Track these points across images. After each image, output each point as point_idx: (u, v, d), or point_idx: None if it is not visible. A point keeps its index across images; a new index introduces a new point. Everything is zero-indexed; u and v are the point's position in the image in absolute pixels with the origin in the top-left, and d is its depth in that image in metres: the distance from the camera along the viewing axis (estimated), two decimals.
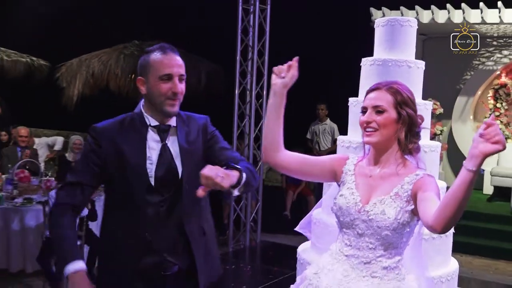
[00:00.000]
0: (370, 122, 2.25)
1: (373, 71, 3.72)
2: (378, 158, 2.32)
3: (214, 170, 2.00)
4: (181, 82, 2.45)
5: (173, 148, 2.47)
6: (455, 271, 3.64)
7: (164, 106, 2.43)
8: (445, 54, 10.79)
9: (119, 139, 2.46)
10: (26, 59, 13.16)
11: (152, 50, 2.45)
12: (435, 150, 3.70)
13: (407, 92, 2.30)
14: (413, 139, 2.28)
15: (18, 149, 8.22)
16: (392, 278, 2.24)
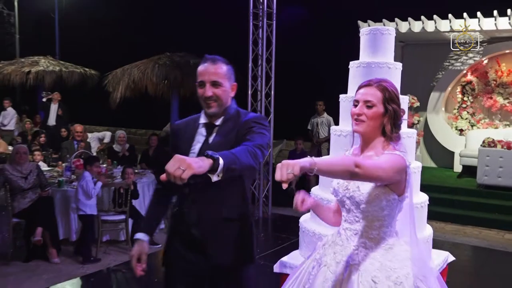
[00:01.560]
0: (360, 114, 2.20)
1: (359, 72, 3.67)
2: (365, 146, 2.27)
3: (178, 162, 1.79)
4: (215, 87, 2.37)
5: (212, 143, 2.42)
6: (430, 235, 3.60)
7: (203, 107, 2.43)
8: (420, 58, 10.77)
9: (181, 134, 2.51)
10: (80, 70, 13.27)
11: (201, 61, 2.46)
12: (412, 136, 3.66)
13: (393, 89, 2.23)
14: (396, 130, 2.22)
15: (75, 143, 8.28)
16: (379, 248, 2.17)
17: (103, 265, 5.66)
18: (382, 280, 2.08)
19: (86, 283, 5.22)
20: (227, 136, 2.39)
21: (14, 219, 5.74)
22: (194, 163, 1.83)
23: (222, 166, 1.94)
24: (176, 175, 1.78)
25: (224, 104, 2.42)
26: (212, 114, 2.41)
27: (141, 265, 2.45)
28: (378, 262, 2.13)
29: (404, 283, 2.07)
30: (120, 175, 6.65)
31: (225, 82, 2.40)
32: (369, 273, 2.11)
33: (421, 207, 3.52)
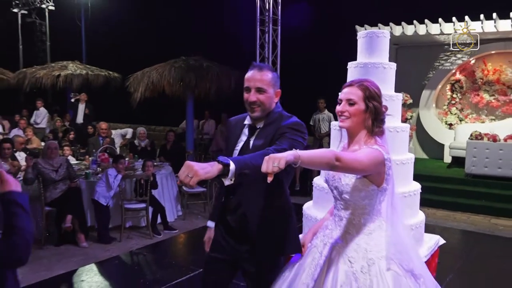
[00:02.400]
0: (343, 112, 2.21)
1: (356, 72, 3.62)
2: (351, 140, 2.27)
3: (187, 169, 1.81)
4: (259, 93, 2.34)
5: (252, 143, 2.40)
6: (422, 220, 3.57)
7: (248, 110, 2.41)
8: (413, 58, 10.66)
9: (233, 129, 2.51)
10: (105, 73, 13.28)
11: (249, 67, 2.44)
12: (405, 130, 3.61)
13: (374, 88, 2.22)
14: (379, 125, 2.21)
15: (100, 139, 8.31)
16: (360, 233, 2.18)
17: (126, 249, 5.70)
18: (357, 260, 2.11)
19: (111, 264, 5.25)
20: (265, 139, 2.35)
21: (46, 208, 5.78)
22: (201, 169, 1.83)
23: (233, 171, 1.92)
24: (185, 182, 1.81)
25: (267, 109, 2.38)
26: (255, 118, 2.39)
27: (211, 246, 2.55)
28: (356, 245, 2.15)
29: (376, 263, 2.09)
30: (141, 167, 6.67)
31: (269, 88, 2.36)
32: (347, 253, 2.14)
33: (414, 195, 3.49)
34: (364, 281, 2.05)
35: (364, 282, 2.05)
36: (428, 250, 3.53)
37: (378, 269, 2.07)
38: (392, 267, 2.09)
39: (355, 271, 2.07)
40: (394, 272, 2.07)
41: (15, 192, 1.93)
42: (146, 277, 4.87)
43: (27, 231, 1.88)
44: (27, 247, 1.87)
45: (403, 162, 3.48)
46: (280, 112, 2.44)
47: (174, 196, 7.17)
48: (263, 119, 2.40)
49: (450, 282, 4.70)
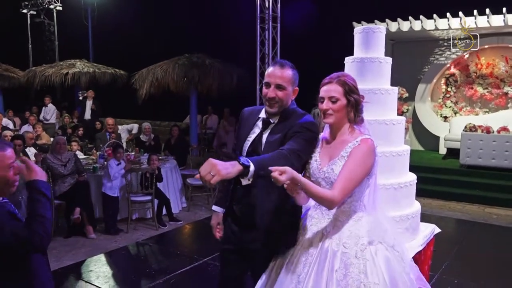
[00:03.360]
0: (327, 110, 2.20)
1: (353, 66, 3.57)
2: (335, 132, 2.27)
3: (210, 167, 1.80)
4: (278, 89, 2.29)
5: (265, 137, 2.37)
6: (418, 210, 3.53)
7: (265, 105, 2.38)
8: (408, 54, 10.59)
9: (245, 119, 2.47)
10: (111, 70, 13.27)
11: (272, 63, 2.40)
12: (401, 123, 3.55)
13: (351, 81, 2.22)
14: (358, 114, 2.22)
15: (107, 134, 8.29)
16: (350, 219, 2.19)
17: (132, 240, 5.69)
18: (351, 246, 2.12)
19: (118, 255, 5.25)
20: (278, 136, 2.32)
21: (55, 201, 5.76)
22: (224, 169, 1.82)
23: (252, 173, 1.92)
24: (206, 179, 1.80)
25: (284, 106, 2.35)
26: (272, 113, 2.36)
27: (220, 231, 2.57)
28: (348, 231, 2.16)
29: (368, 248, 2.12)
30: (146, 161, 6.64)
31: (288, 86, 2.33)
32: (341, 240, 2.14)
33: (410, 185, 3.44)
34: (358, 265, 2.08)
35: (358, 266, 2.08)
36: (424, 239, 3.49)
37: (370, 254, 2.10)
38: (377, 245, 2.14)
39: (350, 257, 2.09)
40: (384, 255, 2.11)
41: (41, 181, 2.00)
42: (152, 267, 4.86)
43: (48, 219, 1.94)
44: (47, 234, 1.92)
45: (399, 154, 3.43)
46: (295, 109, 2.41)
47: (178, 189, 7.16)
48: (278, 115, 2.37)
49: (446, 268, 4.69)
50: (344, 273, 2.07)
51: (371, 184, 2.20)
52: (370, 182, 2.20)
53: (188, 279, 4.54)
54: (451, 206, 7.48)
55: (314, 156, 2.30)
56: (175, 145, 8.38)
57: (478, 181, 7.92)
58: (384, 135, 3.33)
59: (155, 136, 8.70)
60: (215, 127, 12.28)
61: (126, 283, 4.52)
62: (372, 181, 2.21)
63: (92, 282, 4.43)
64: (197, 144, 10.19)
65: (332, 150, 2.23)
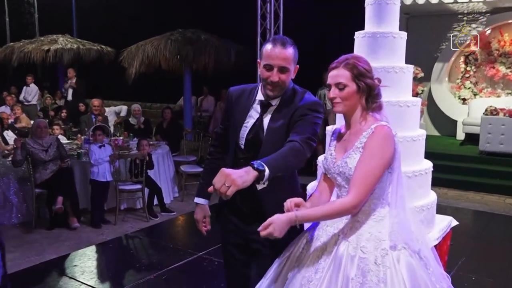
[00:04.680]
0: (335, 98, 2.14)
1: (364, 42, 3.52)
2: (348, 122, 2.21)
3: (224, 178, 1.83)
4: (282, 72, 2.25)
5: (266, 122, 2.33)
6: (434, 201, 3.52)
7: (265, 88, 2.32)
8: (424, 29, 10.47)
9: (236, 102, 2.43)
10: (97, 47, 13.18)
11: (268, 40, 2.32)
12: (416, 105, 3.52)
13: (362, 64, 2.13)
14: (374, 100, 2.13)
15: (92, 117, 8.26)
16: (369, 219, 2.11)
17: (121, 232, 5.69)
18: (370, 250, 2.03)
19: (105, 249, 5.24)
20: (282, 121, 2.29)
21: (36, 190, 5.75)
22: (239, 178, 1.84)
23: (268, 177, 1.92)
24: (222, 192, 1.82)
25: (286, 87, 2.31)
26: (272, 97, 2.32)
27: (206, 225, 2.56)
28: (368, 233, 2.07)
29: (390, 253, 2.02)
30: (136, 146, 6.62)
31: (291, 66, 2.28)
32: (358, 243, 2.06)
33: (425, 174, 3.44)
34: (377, 273, 1.98)
35: (377, 274, 1.98)
36: (439, 232, 3.48)
37: (392, 260, 2.01)
38: (401, 251, 2.03)
39: (368, 263, 2.01)
40: (407, 262, 2.02)
41: None
42: (142, 262, 4.86)
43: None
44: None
45: (414, 139, 3.41)
46: (293, 87, 2.37)
47: (171, 177, 7.15)
48: (278, 97, 2.33)
49: (462, 265, 4.68)
50: (361, 281, 1.98)
51: (394, 179, 2.12)
52: (393, 177, 2.12)
53: (181, 274, 4.54)
54: (469, 197, 7.47)
55: (329, 150, 2.26)
56: (168, 129, 8.36)
57: (499, 169, 7.89)
58: (398, 118, 3.30)
59: (145, 119, 8.66)
60: (211, 109, 12.24)
61: (114, 279, 4.52)
62: (395, 175, 2.13)
63: (77, 278, 4.43)
64: (191, 128, 10.16)
65: (347, 142, 2.18)
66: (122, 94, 13.56)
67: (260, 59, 2.32)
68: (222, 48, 10.42)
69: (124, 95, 13.44)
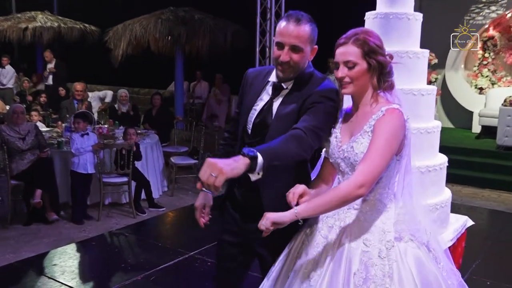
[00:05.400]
0: (343, 77, 2.10)
1: (376, 24, 3.49)
2: (357, 103, 2.19)
3: (209, 168, 1.77)
4: (294, 52, 2.20)
5: (275, 106, 2.30)
6: (448, 199, 3.52)
7: (276, 69, 2.29)
8: (439, 11, 10.41)
9: (251, 83, 2.43)
10: (80, 25, 13.11)
11: (283, 16, 2.28)
12: (431, 93, 3.50)
13: (373, 39, 2.09)
14: (385, 79, 2.11)
15: (75, 102, 8.20)
16: (374, 210, 2.11)
17: (105, 229, 5.67)
18: (374, 243, 2.04)
19: (87, 247, 5.23)
20: (292, 107, 2.25)
21: (12, 181, 5.72)
22: (227, 166, 1.78)
23: (261, 165, 1.85)
24: (209, 183, 1.76)
25: (300, 69, 2.27)
26: (283, 79, 2.28)
27: (205, 216, 2.50)
28: (372, 225, 2.09)
29: (396, 245, 2.03)
30: (122, 135, 6.58)
31: (306, 46, 2.22)
32: (361, 236, 2.07)
33: (440, 169, 3.43)
34: (382, 267, 1.99)
35: (382, 268, 1.99)
36: (454, 233, 3.49)
37: (398, 253, 2.02)
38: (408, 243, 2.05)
39: (372, 256, 2.02)
40: (415, 255, 2.03)
41: None
42: (128, 261, 4.85)
43: None
44: None
45: (428, 131, 3.40)
46: (312, 72, 2.32)
47: (160, 169, 7.13)
48: (291, 79, 2.29)
49: (477, 269, 4.70)
50: (365, 276, 1.99)
51: (402, 166, 2.12)
52: (401, 164, 2.12)
53: (171, 276, 4.54)
54: (485, 195, 7.49)
55: (334, 132, 2.23)
56: (157, 117, 8.33)
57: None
58: (411, 107, 3.21)
59: (133, 105, 8.63)
60: (204, 96, 12.22)
61: (97, 280, 4.51)
62: (404, 162, 2.13)
63: (56, 278, 4.41)
64: (183, 116, 10.15)
65: (354, 125, 2.16)
66: (107, 78, 13.52)
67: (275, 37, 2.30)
68: (217, 28, 10.37)
69: (110, 79, 13.39)
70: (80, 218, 5.82)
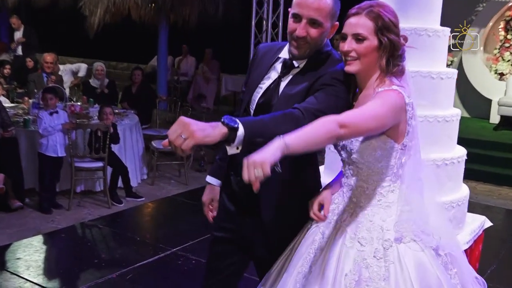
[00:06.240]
0: (350, 52, 2.07)
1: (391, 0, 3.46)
2: (361, 85, 2.17)
3: (180, 127, 1.72)
4: (312, 26, 2.15)
5: (283, 85, 2.27)
6: (466, 196, 3.53)
7: (290, 45, 2.25)
8: None
9: (260, 59, 2.42)
10: None
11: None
12: (452, 77, 3.49)
13: (389, 15, 2.08)
14: (396, 62, 2.09)
15: (44, 75, 8.16)
16: (374, 205, 2.12)
17: (76, 219, 5.66)
18: (370, 241, 2.06)
19: (56, 239, 5.21)
20: (300, 88, 2.21)
21: None
22: (200, 132, 1.72)
23: (241, 139, 1.80)
24: (176, 144, 1.71)
25: (317, 47, 2.23)
26: (296, 57, 2.24)
27: (213, 211, 2.58)
28: (370, 222, 2.10)
29: (395, 246, 2.04)
30: (97, 115, 6.53)
31: (326, 21, 2.18)
32: (357, 233, 2.09)
33: (457, 163, 3.45)
34: (378, 269, 2.01)
35: (378, 270, 2.00)
36: (471, 235, 3.51)
37: (396, 254, 2.02)
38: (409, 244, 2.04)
39: (366, 256, 2.03)
40: (417, 258, 2.03)
41: None
42: (102, 257, 4.84)
43: None
44: None
45: (447, 119, 3.40)
46: (330, 51, 2.28)
47: (139, 154, 7.11)
48: (305, 58, 2.25)
49: (493, 274, 4.73)
50: (357, 278, 2.00)
51: (407, 158, 2.11)
52: (405, 155, 2.10)
53: (150, 274, 4.54)
54: (502, 193, 7.54)
55: None
56: (137, 95, 8.30)
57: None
58: (429, 92, 3.30)
59: (110, 81, 8.61)
60: (191, 73, 12.16)
61: (67, 277, 4.49)
62: (411, 153, 2.12)
63: (20, 274, 4.39)
64: (166, 95, 10.08)
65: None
66: (81, 49, 13.45)
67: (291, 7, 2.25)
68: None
69: (84, 50, 13.32)
70: (48, 207, 5.80)
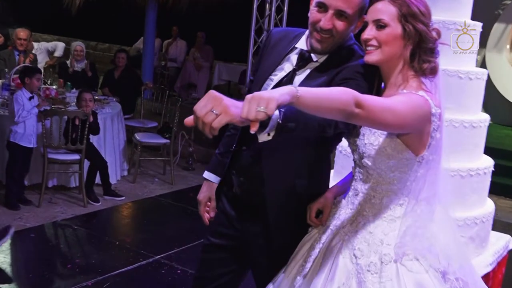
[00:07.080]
0: (369, 39, 2.09)
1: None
2: (385, 80, 2.18)
3: (212, 102, 1.58)
4: (339, 18, 2.17)
5: (298, 81, 2.27)
6: (491, 212, 3.54)
7: (311, 36, 2.24)
8: None
9: (273, 46, 2.43)
10: None
11: None
12: (481, 78, 3.51)
13: (417, 2, 2.09)
14: (426, 57, 2.09)
15: (16, 53, 8.12)
16: (379, 217, 2.15)
17: (47, 218, 5.65)
18: (367, 254, 2.09)
19: (24, 239, 5.20)
20: (319, 81, 2.20)
21: None
22: (234, 108, 1.58)
23: (275, 123, 1.74)
24: (206, 120, 1.56)
25: (340, 42, 2.24)
26: (317, 51, 2.25)
27: (210, 212, 2.61)
28: (369, 233, 2.13)
29: (394, 263, 2.06)
30: (75, 101, 6.51)
31: (354, 14, 2.19)
32: (354, 245, 2.12)
33: (483, 174, 3.45)
34: (371, 285, 2.03)
35: (372, 285, 2.03)
36: (494, 256, 3.52)
37: (395, 271, 2.04)
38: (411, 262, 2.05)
39: (360, 270, 2.06)
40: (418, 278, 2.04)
41: None
42: (76, 262, 4.83)
43: None
44: None
45: (474, 125, 3.43)
46: (352, 45, 2.30)
47: (120, 148, 7.12)
48: (326, 53, 2.26)
49: None
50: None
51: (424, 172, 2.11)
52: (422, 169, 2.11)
53: (129, 283, 4.54)
54: None
55: None
56: (120, 81, 8.28)
57: None
58: (456, 94, 3.31)
59: (90, 63, 8.60)
60: (181, 58, 12.15)
61: (35, 282, 4.48)
62: (429, 167, 2.12)
63: None
64: (152, 83, 10.05)
65: None
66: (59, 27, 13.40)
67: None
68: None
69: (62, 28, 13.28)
70: (15, 203, 5.78)
